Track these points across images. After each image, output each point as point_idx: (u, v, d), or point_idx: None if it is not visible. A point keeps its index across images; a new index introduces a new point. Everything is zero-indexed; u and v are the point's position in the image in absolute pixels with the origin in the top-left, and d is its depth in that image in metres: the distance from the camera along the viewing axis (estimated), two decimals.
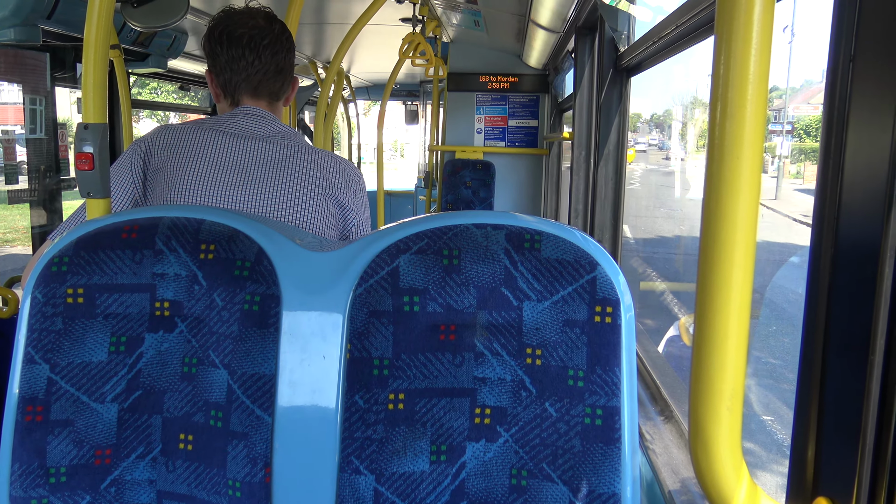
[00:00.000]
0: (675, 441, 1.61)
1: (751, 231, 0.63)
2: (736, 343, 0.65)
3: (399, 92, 8.57)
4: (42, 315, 1.02)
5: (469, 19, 4.14)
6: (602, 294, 0.96)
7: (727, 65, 0.61)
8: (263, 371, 1.00)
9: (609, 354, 0.95)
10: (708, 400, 0.67)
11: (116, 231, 1.05)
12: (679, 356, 3.57)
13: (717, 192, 0.63)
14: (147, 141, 1.49)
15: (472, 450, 0.99)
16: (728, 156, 0.62)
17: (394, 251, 0.99)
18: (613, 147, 2.33)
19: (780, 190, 13.53)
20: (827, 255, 0.73)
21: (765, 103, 0.61)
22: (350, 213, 1.54)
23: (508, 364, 0.98)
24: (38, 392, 1.01)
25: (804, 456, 0.78)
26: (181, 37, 3.78)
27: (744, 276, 0.64)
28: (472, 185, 5.12)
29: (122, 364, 1.03)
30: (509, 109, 5.22)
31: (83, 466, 1.02)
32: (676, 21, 1.50)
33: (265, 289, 1.02)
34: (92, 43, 1.16)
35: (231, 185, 1.42)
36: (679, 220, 14.12)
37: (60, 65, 3.57)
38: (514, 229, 0.98)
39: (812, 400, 0.76)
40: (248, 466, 0.99)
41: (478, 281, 0.98)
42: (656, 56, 1.91)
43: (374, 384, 0.98)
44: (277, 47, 1.51)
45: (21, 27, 2.65)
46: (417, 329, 0.99)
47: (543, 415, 0.97)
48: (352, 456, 0.98)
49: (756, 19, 0.59)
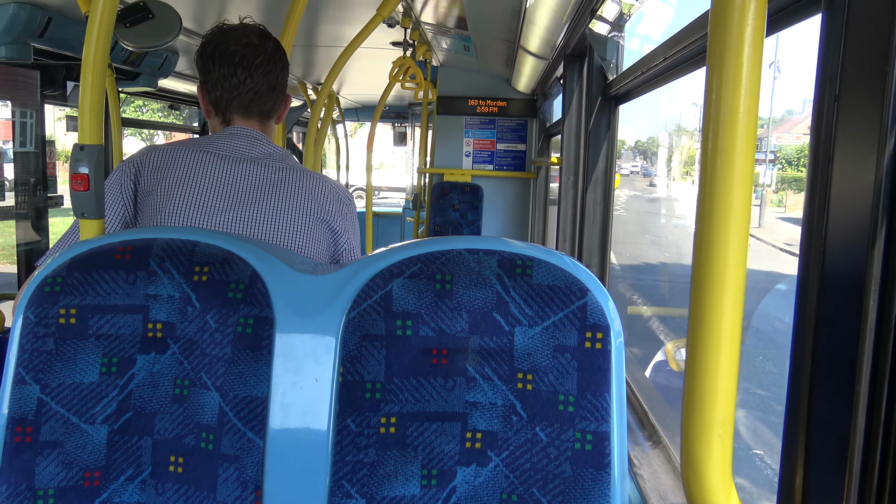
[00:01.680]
0: (663, 466, 1.62)
1: (741, 261, 0.65)
2: (727, 371, 0.67)
3: (388, 114, 8.61)
4: (34, 335, 1.01)
5: (459, 44, 4.19)
6: (592, 320, 0.97)
7: (718, 95, 0.63)
8: (256, 394, 1.00)
9: (599, 380, 0.96)
10: (700, 427, 0.68)
11: (110, 252, 1.05)
12: (665, 385, 3.58)
13: (709, 222, 0.65)
14: (136, 162, 1.46)
15: (463, 474, 0.99)
16: (719, 185, 0.63)
17: (387, 275, 1.00)
18: (602, 173, 2.36)
19: (764, 218, 13.67)
20: (814, 286, 0.75)
21: (754, 133, 0.63)
22: (341, 237, 1.53)
23: (500, 389, 0.99)
24: (28, 413, 1.00)
25: (792, 484, 0.79)
26: (172, 56, 3.80)
27: (734, 305, 0.66)
28: (459, 208, 5.14)
29: (114, 385, 1.03)
30: (498, 133, 5.26)
31: (72, 488, 1.01)
32: (665, 53, 1.54)
33: (258, 311, 1.02)
34: (90, 65, 1.17)
35: (221, 208, 1.41)
36: (664, 246, 14.24)
37: (51, 82, 3.57)
38: (506, 255, 1.00)
39: (800, 429, 0.78)
40: (239, 490, 0.99)
41: (470, 306, 0.99)
42: (645, 86, 1.94)
43: (366, 408, 0.98)
44: (270, 66, 1.49)
45: (12, 45, 2.65)
46: (410, 353, 0.99)
47: (534, 440, 0.98)
48: (343, 479, 0.98)
49: (746, 53, 0.62)
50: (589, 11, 2.21)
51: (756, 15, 0.59)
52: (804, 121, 10.38)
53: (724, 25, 0.61)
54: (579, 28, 2.43)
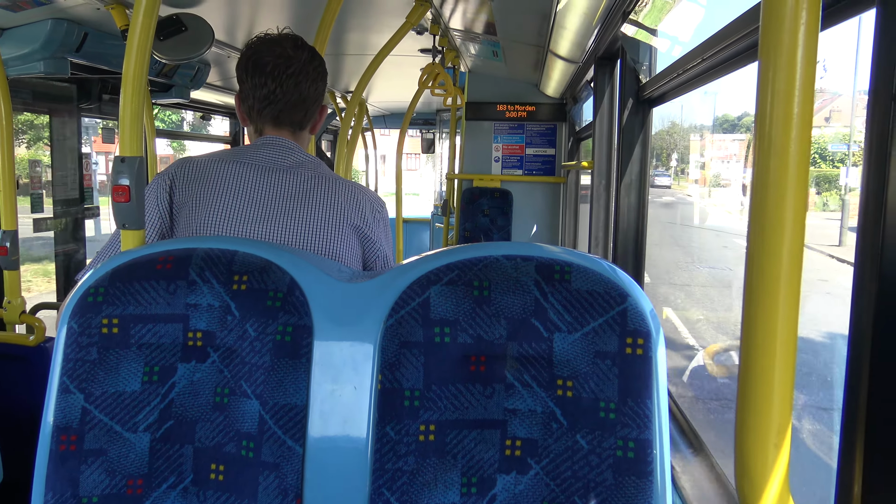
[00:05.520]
0: (705, 474, 1.59)
1: (797, 264, 0.63)
2: (782, 377, 0.65)
3: (416, 121, 8.63)
4: (77, 345, 1.03)
5: (488, 50, 4.18)
6: (633, 326, 0.95)
7: (772, 93, 0.61)
8: (295, 401, 1.00)
9: (641, 387, 0.95)
10: (754, 436, 0.67)
11: (151, 262, 1.06)
12: (706, 389, 3.50)
13: (762, 224, 0.63)
14: (171, 174, 1.48)
15: (503, 482, 0.98)
16: (773, 187, 0.62)
17: (424, 282, 1.00)
18: (636, 177, 2.33)
19: (845, 236, 12.93)
20: (871, 289, 0.73)
21: (809, 131, 0.61)
22: (374, 244, 1.53)
23: (539, 396, 0.98)
24: (73, 421, 1.02)
25: (850, 492, 0.77)
26: (204, 68, 3.85)
27: (789, 309, 0.64)
28: (489, 214, 5.13)
29: (155, 394, 1.04)
30: (527, 138, 5.24)
31: (115, 496, 1.02)
32: (704, 53, 1.51)
33: (297, 319, 1.02)
34: (130, 79, 1.19)
35: (255, 217, 1.42)
36: (686, 248, 13.76)
37: (87, 96, 3.64)
38: (543, 261, 0.99)
39: (858, 435, 0.75)
40: (279, 498, 0.99)
41: (508, 312, 0.98)
42: (681, 87, 1.92)
43: (405, 415, 0.98)
44: (301, 77, 1.48)
45: (50, 60, 2.71)
46: (448, 360, 0.99)
47: (575, 447, 0.96)
48: (383, 488, 0.97)
49: (800, 48, 0.60)
50: (621, 14, 2.19)
51: (810, 9, 0.57)
52: (819, 111, 10.01)
53: (778, 20, 0.59)
54: (610, 31, 2.40)
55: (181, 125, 16.75)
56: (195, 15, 2.53)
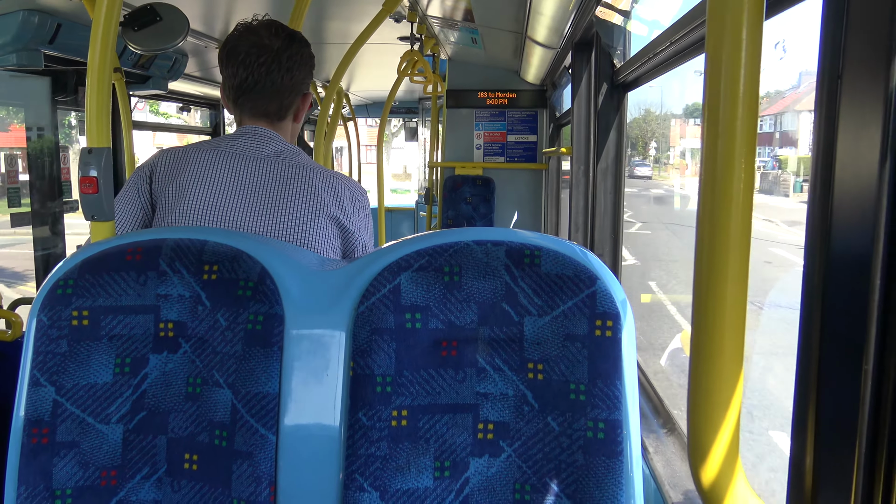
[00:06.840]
0: (678, 453, 1.61)
1: (744, 245, 0.64)
2: (733, 354, 0.66)
3: (398, 109, 8.60)
4: (47, 337, 1.03)
5: (466, 37, 4.18)
6: (602, 308, 0.97)
7: (717, 81, 0.62)
8: (267, 390, 1.01)
9: (610, 368, 0.96)
10: (706, 411, 0.68)
11: (121, 253, 1.06)
12: (682, 370, 3.56)
13: (711, 206, 0.64)
14: (150, 166, 1.47)
15: (476, 465, 0.99)
16: (721, 168, 0.63)
17: (395, 269, 1.00)
18: (611, 161, 2.34)
19: None
20: (820, 267, 0.74)
21: (755, 118, 0.62)
22: (353, 233, 1.52)
23: (510, 379, 0.99)
24: (44, 414, 1.02)
25: (802, 465, 0.79)
26: (181, 59, 3.82)
27: (738, 287, 0.65)
28: (472, 201, 5.14)
29: (127, 385, 1.04)
30: (508, 125, 5.24)
31: (89, 488, 1.02)
32: (670, 38, 1.52)
33: (268, 308, 1.03)
34: (95, 68, 1.18)
35: (232, 205, 1.42)
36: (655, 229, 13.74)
37: (62, 88, 3.60)
38: (513, 245, 0.99)
39: (809, 409, 0.77)
40: (253, 485, 1.00)
41: (479, 297, 0.99)
42: (652, 72, 1.93)
43: (377, 401, 0.99)
44: (274, 66, 1.45)
45: (23, 52, 2.68)
46: (419, 346, 1.00)
47: (546, 429, 0.98)
48: (356, 473, 0.98)
49: (744, 37, 0.61)
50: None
51: None
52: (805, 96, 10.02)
53: (721, 10, 0.60)
54: (586, 16, 2.41)
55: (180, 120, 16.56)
56: (170, 5, 2.50)
